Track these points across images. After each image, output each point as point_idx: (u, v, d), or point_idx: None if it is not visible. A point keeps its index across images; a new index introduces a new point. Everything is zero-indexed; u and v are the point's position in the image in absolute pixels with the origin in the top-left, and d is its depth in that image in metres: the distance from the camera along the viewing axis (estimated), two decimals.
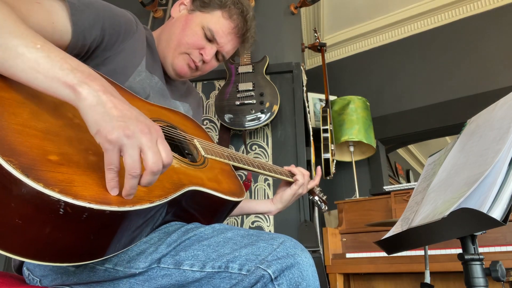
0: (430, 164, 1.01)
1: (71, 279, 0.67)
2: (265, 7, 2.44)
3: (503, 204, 0.61)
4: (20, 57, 0.51)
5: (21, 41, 0.52)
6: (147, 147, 0.52)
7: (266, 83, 2.04)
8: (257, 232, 0.68)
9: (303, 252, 0.64)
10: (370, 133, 2.65)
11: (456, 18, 3.01)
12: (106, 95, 0.52)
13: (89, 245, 0.53)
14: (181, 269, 0.64)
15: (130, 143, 0.50)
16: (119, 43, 0.84)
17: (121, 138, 0.50)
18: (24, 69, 0.51)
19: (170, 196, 0.62)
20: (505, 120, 0.72)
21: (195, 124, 1.00)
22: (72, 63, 0.53)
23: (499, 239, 1.64)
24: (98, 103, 0.51)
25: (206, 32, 0.97)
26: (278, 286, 0.59)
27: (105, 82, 0.55)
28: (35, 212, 0.46)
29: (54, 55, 0.53)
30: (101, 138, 0.50)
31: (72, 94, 0.51)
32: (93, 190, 0.50)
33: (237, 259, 0.62)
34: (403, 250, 0.93)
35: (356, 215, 2.12)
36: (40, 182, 0.45)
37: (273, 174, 1.07)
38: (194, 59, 0.98)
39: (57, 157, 0.50)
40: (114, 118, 0.50)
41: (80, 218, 0.48)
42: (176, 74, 1.00)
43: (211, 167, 0.85)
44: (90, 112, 0.50)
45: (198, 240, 0.67)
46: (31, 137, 0.50)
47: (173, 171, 0.70)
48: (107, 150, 0.50)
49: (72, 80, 0.51)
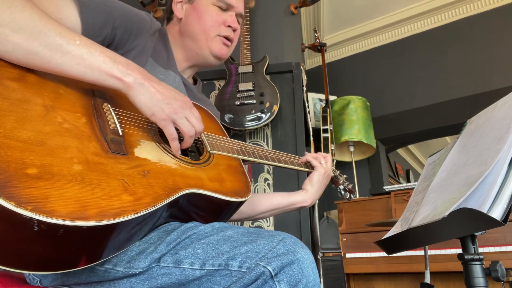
0: (430, 164, 1.01)
1: (71, 280, 0.67)
2: (265, 7, 2.44)
3: (503, 204, 0.61)
4: (66, 55, 0.59)
5: (62, 39, 0.59)
6: (190, 116, 0.71)
7: (266, 83, 2.04)
8: (257, 230, 0.68)
9: (303, 249, 0.64)
10: (370, 133, 2.65)
11: (456, 18, 3.01)
12: (147, 81, 0.66)
13: (74, 255, 0.52)
14: (181, 268, 0.64)
15: (179, 116, 0.69)
16: (131, 41, 0.84)
17: (171, 115, 0.68)
18: (72, 66, 0.60)
19: (160, 203, 0.60)
20: (505, 120, 0.72)
21: (207, 115, 0.97)
22: (111, 56, 0.64)
23: (499, 239, 1.64)
24: (145, 90, 0.65)
25: (220, 5, 1.00)
26: (278, 283, 0.59)
27: (142, 69, 0.67)
28: (10, 228, 0.46)
29: (94, 49, 0.62)
30: (156, 119, 0.67)
31: (120, 84, 0.64)
32: (69, 205, 0.49)
33: (237, 257, 0.62)
34: (403, 250, 0.92)
35: (356, 215, 2.12)
36: (12, 200, 0.45)
37: (290, 166, 1.02)
38: (226, 35, 1.00)
39: (36, 170, 0.49)
40: (160, 101, 0.67)
41: (56, 234, 0.48)
42: (218, 58, 1.03)
43: (216, 163, 0.81)
44: (142, 100, 0.65)
45: (197, 238, 0.67)
46: (10, 150, 0.49)
47: (169, 173, 0.68)
48: (164, 126, 0.68)
49: (117, 73, 0.63)
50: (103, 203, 0.52)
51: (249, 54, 2.13)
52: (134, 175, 0.61)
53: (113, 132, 0.64)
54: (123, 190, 0.56)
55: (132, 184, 0.59)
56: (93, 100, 0.67)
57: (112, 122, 0.65)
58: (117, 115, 0.68)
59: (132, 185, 0.58)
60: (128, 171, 0.60)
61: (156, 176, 0.64)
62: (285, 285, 0.59)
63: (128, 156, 0.63)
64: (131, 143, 0.66)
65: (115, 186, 0.56)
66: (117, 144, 0.63)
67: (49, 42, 0.57)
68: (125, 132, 0.67)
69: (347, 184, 1.20)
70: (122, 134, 0.65)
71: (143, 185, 0.60)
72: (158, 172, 0.66)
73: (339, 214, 2.19)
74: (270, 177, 2.02)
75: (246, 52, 2.13)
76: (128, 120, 0.71)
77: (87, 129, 0.61)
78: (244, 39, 2.14)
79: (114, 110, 0.68)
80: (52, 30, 0.58)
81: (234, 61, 2.14)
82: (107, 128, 0.64)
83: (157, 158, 0.69)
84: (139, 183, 0.60)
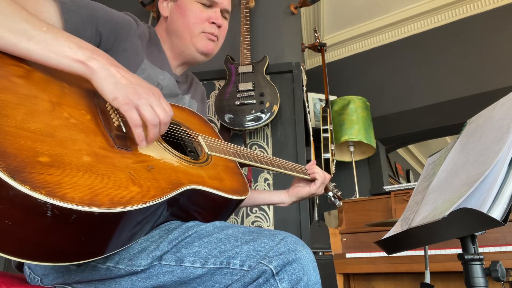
0: (430, 164, 1.01)
1: (73, 278, 0.67)
2: (265, 7, 2.44)
3: (503, 204, 0.61)
4: (31, 40, 0.59)
5: (28, 25, 0.59)
6: (155, 104, 0.66)
7: (266, 83, 2.04)
8: (258, 229, 0.68)
9: (304, 248, 0.64)
10: (370, 133, 2.65)
11: (456, 18, 3.01)
12: (113, 67, 0.64)
13: (82, 245, 0.53)
14: (182, 266, 0.64)
15: (142, 102, 0.64)
16: (119, 42, 0.85)
17: (134, 99, 0.63)
18: (37, 50, 0.59)
19: (166, 196, 0.61)
20: (505, 120, 0.72)
21: (202, 120, 0.99)
22: (77, 42, 0.63)
23: (499, 239, 1.65)
24: (109, 75, 0.62)
25: (202, 1, 1.00)
26: (279, 281, 0.60)
27: (108, 56, 0.66)
28: (24, 214, 0.46)
29: (59, 35, 0.62)
30: (118, 103, 0.63)
31: (84, 68, 0.62)
32: (82, 192, 0.50)
33: (238, 255, 0.63)
34: (403, 250, 0.92)
35: (356, 215, 2.12)
36: (27, 184, 0.45)
37: (283, 171, 1.04)
38: (210, 31, 1.00)
39: (48, 159, 0.50)
40: (125, 86, 0.63)
41: (69, 220, 0.48)
42: (204, 54, 1.02)
43: (214, 164, 0.84)
44: (105, 83, 0.62)
45: (199, 237, 0.67)
46: (22, 139, 0.50)
47: (172, 169, 0.69)
48: (126, 111, 0.63)
49: (82, 57, 0.61)
50: (113, 192, 0.53)
51: (249, 54, 2.13)
52: (139, 169, 0.62)
53: (117, 129, 0.66)
54: (131, 182, 0.58)
55: (139, 177, 0.60)
56: (96, 99, 0.69)
57: (116, 120, 0.67)
58: (119, 114, 0.70)
59: (139, 178, 0.60)
60: (133, 165, 0.62)
61: (160, 171, 0.66)
62: (286, 283, 0.60)
63: (132, 152, 0.65)
64: (134, 141, 0.67)
65: (122, 177, 0.57)
66: (121, 140, 0.65)
67: (14, 27, 0.58)
68: (128, 129, 0.68)
69: (336, 191, 1.24)
70: (125, 131, 0.67)
71: (149, 178, 0.62)
72: (162, 168, 0.67)
73: (339, 214, 2.19)
74: (270, 177, 2.02)
75: (246, 52, 2.13)
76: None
77: (93, 125, 0.63)
78: (244, 39, 2.14)
79: (117, 110, 0.70)
80: (18, 16, 0.59)
81: (234, 61, 2.14)
82: (111, 125, 0.66)
83: (160, 156, 0.70)
84: (145, 176, 0.62)
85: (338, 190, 1.25)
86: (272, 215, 1.94)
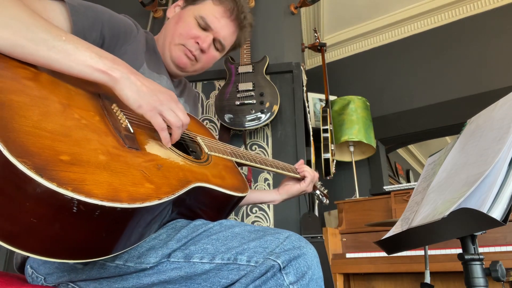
0: (430, 164, 1.01)
1: (80, 276, 0.68)
2: (265, 7, 2.44)
3: (503, 204, 0.61)
4: (52, 50, 0.60)
5: (49, 35, 0.60)
6: (174, 108, 0.71)
7: (266, 83, 2.04)
8: (263, 228, 0.71)
9: (308, 245, 0.68)
10: (370, 133, 2.65)
11: (456, 18, 3.01)
12: (133, 76, 0.67)
13: (101, 241, 0.54)
14: (191, 262, 0.66)
15: (165, 108, 0.70)
16: (120, 46, 0.86)
17: (157, 106, 0.69)
18: (58, 60, 0.61)
19: (178, 192, 0.63)
20: (505, 120, 0.72)
21: (197, 122, 1.02)
22: (97, 51, 0.65)
23: (499, 239, 1.65)
24: (131, 84, 0.66)
25: (199, 21, 0.99)
26: (286, 275, 0.62)
27: (127, 64, 0.69)
28: (49, 211, 0.47)
29: (80, 45, 0.63)
30: (143, 110, 0.67)
31: (106, 77, 0.64)
32: (104, 188, 0.51)
33: (245, 252, 0.65)
34: (403, 250, 0.92)
35: (356, 215, 2.12)
36: (54, 181, 0.46)
37: (276, 170, 1.08)
38: (190, 48, 0.99)
39: (68, 157, 0.51)
40: (146, 94, 0.68)
41: (93, 215, 0.49)
42: (177, 67, 1.02)
43: (214, 163, 0.86)
44: (128, 92, 0.66)
45: (207, 235, 0.69)
46: (42, 138, 0.51)
47: (178, 168, 0.71)
48: (151, 117, 0.68)
49: (103, 67, 0.64)
50: (131, 189, 0.55)
51: (249, 54, 2.13)
52: (150, 168, 0.64)
53: (125, 130, 0.67)
54: (145, 179, 0.59)
55: (151, 175, 0.62)
56: (101, 101, 0.70)
57: (123, 121, 0.69)
58: (125, 115, 0.72)
59: (151, 176, 0.62)
60: (144, 164, 0.63)
61: (169, 170, 0.68)
62: (292, 277, 0.63)
63: (141, 151, 0.67)
64: (141, 141, 0.69)
65: (137, 175, 0.59)
66: (131, 140, 0.66)
67: (34, 37, 0.59)
68: (135, 130, 0.70)
69: (323, 189, 1.31)
70: (133, 132, 0.69)
71: (160, 176, 0.64)
72: (170, 166, 0.69)
73: (339, 214, 2.19)
74: (270, 177, 2.02)
75: (246, 52, 2.13)
76: (136, 120, 0.74)
77: (102, 125, 0.64)
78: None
79: (122, 111, 0.72)
80: (39, 26, 0.60)
81: (234, 61, 2.14)
82: (119, 125, 0.67)
83: (166, 155, 0.72)
84: (156, 174, 0.63)
85: (325, 189, 1.33)
86: (272, 215, 1.94)
